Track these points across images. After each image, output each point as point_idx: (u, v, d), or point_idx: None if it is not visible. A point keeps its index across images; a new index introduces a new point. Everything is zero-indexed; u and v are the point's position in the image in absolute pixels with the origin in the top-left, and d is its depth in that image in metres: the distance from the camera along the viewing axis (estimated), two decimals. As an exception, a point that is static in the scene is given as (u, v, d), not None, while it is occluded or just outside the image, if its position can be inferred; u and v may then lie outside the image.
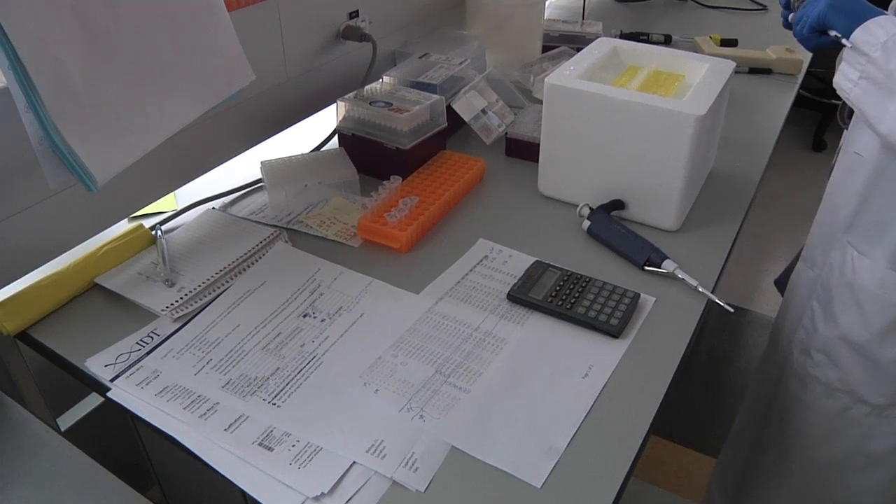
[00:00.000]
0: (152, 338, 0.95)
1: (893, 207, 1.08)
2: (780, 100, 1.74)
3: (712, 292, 1.04)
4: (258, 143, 1.33)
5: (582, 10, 1.98)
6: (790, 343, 1.30)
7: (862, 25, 0.99)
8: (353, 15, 1.41)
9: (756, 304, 2.76)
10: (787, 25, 1.19)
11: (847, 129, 1.20)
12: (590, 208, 1.16)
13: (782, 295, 1.39)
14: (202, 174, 1.25)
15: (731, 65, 1.25)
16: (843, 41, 1.02)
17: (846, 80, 1.01)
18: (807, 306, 1.26)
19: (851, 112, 1.08)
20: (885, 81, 0.95)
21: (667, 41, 2.00)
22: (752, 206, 1.32)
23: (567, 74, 1.16)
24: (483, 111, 1.37)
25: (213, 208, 1.24)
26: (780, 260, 2.96)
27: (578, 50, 1.60)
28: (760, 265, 2.99)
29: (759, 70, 1.86)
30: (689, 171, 1.10)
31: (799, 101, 1.90)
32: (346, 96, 1.30)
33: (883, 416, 1.18)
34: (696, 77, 1.23)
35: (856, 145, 1.14)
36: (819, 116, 3.80)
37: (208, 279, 1.04)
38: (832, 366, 1.21)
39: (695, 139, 1.07)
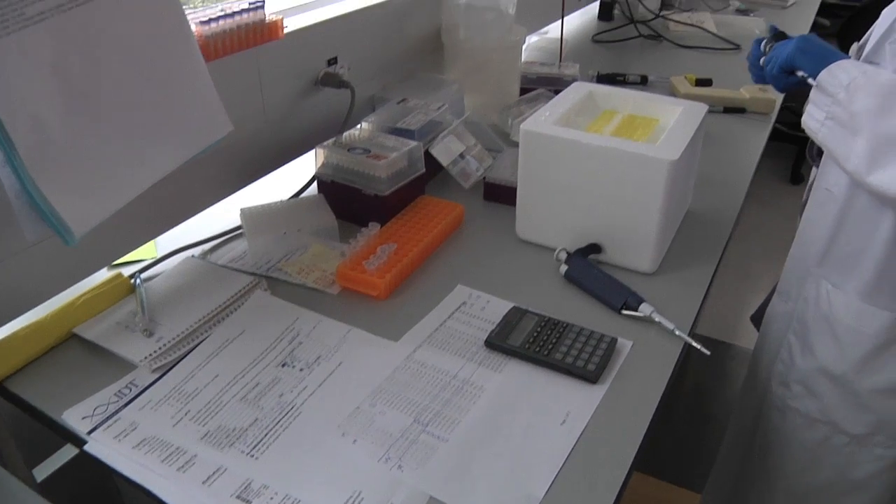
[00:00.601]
0: (130, 389, 0.95)
1: (863, 241, 1.11)
2: (754, 138, 1.77)
3: (690, 334, 1.05)
4: (238, 189, 1.34)
5: (559, 51, 2.01)
6: (769, 376, 1.32)
7: (827, 68, 1.04)
8: (332, 62, 1.43)
9: (739, 337, 2.78)
10: (758, 70, 1.22)
11: (817, 166, 1.23)
12: (567, 253, 1.17)
13: (758, 330, 1.41)
14: (182, 221, 1.26)
15: (704, 108, 1.28)
16: (810, 81, 1.06)
17: (813, 119, 1.05)
18: (784, 339, 1.28)
19: (821, 150, 1.11)
20: (850, 121, 0.99)
21: (643, 81, 2.03)
22: (732, 239, 1.34)
23: (542, 120, 1.18)
24: (461, 155, 1.38)
25: (193, 256, 1.24)
26: (762, 292, 2.96)
27: (556, 92, 1.63)
28: (742, 298, 3.01)
29: (733, 109, 1.89)
30: (663, 215, 1.12)
31: (776, 135, 1.93)
32: (325, 143, 1.31)
33: (863, 444, 1.19)
34: (670, 120, 1.25)
35: (826, 182, 1.18)
36: (796, 150, 3.85)
37: (187, 329, 1.04)
38: (811, 397, 1.23)
39: (668, 183, 1.09)
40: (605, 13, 2.71)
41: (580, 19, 2.73)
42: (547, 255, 1.20)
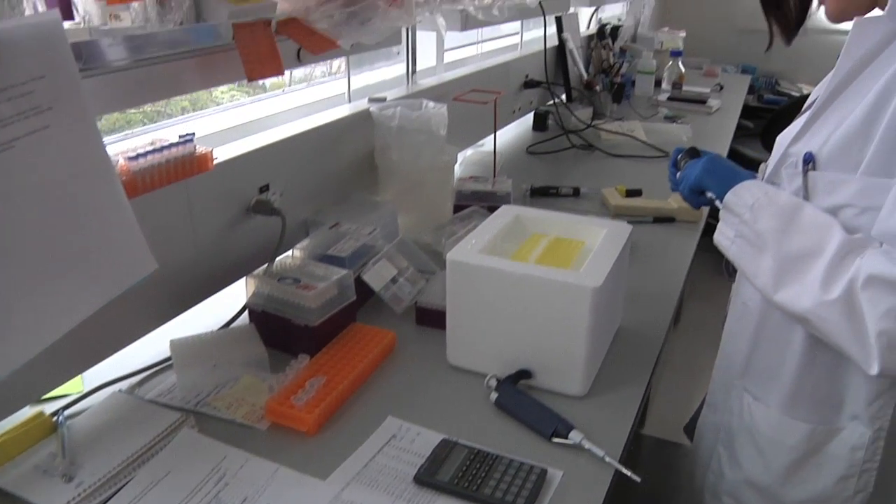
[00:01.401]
0: (46, 543, 0.92)
1: (780, 355, 1.15)
2: (683, 247, 1.82)
3: (622, 455, 1.05)
4: (168, 320, 1.32)
5: (493, 165, 2.06)
6: (702, 487, 1.33)
7: (732, 189, 1.10)
8: (264, 189, 1.45)
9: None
10: (675, 184, 1.28)
11: (733, 280, 1.27)
12: (497, 380, 1.17)
13: (691, 441, 1.42)
14: (110, 355, 1.23)
15: (628, 228, 1.31)
16: (717, 204, 1.12)
17: (724, 237, 1.10)
18: (713, 451, 1.30)
19: None
20: (756, 240, 1.04)
21: (575, 194, 2.09)
22: (676, 335, 1.36)
23: (469, 249, 1.20)
24: (394, 279, 1.39)
25: (121, 390, 1.21)
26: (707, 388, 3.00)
27: (490, 208, 1.67)
28: (689, 394, 3.03)
29: (662, 219, 1.94)
30: (590, 340, 1.13)
31: (711, 229, 1.98)
32: (256, 272, 1.32)
33: None
34: (595, 241, 1.28)
35: (742, 296, 1.22)
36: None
37: (110, 471, 1.01)
38: (741, 509, 1.24)
39: (593, 310, 1.11)
40: (539, 124, 2.80)
41: (516, 130, 2.81)
42: (478, 382, 1.20)
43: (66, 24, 1.03)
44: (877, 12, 1.05)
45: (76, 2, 1.04)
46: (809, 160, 1.05)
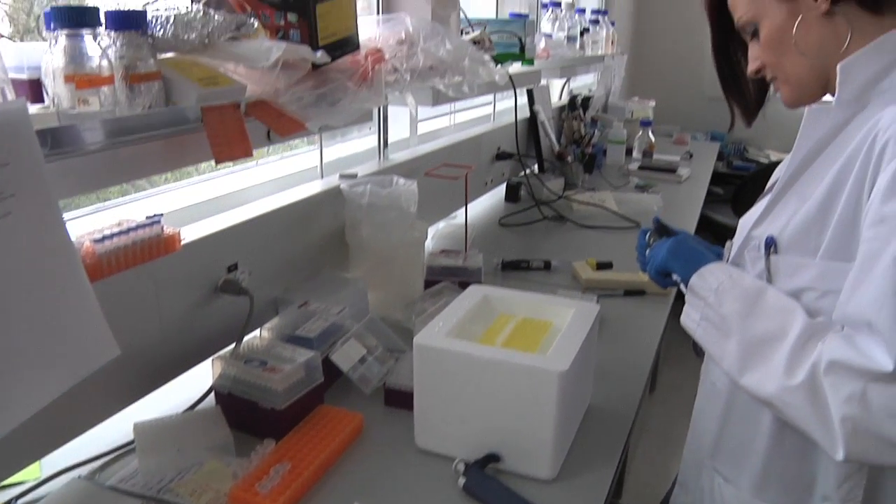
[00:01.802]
0: None
1: (749, 435, 1.15)
2: (654, 321, 1.82)
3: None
4: (131, 403, 1.30)
5: (465, 239, 2.07)
6: None
7: (697, 272, 1.12)
8: (233, 268, 1.44)
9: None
10: (644, 262, 1.30)
11: (701, 360, 1.28)
12: (465, 464, 1.16)
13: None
14: (70, 440, 1.21)
15: (595, 308, 1.32)
16: (682, 288, 1.15)
17: (690, 319, 1.12)
18: None
19: None
20: (721, 324, 1.06)
21: (546, 267, 2.10)
22: (652, 402, 1.36)
23: (436, 332, 1.20)
24: (362, 359, 1.38)
25: (80, 476, 1.19)
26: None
27: (461, 284, 1.67)
28: (666, 463, 3.01)
29: (633, 292, 1.95)
30: (558, 423, 1.13)
31: (681, 298, 1.99)
32: (222, 353, 1.31)
33: None
34: (563, 322, 1.28)
35: (711, 375, 1.24)
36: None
37: (66, 566, 0.99)
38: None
39: (560, 393, 1.11)
40: (511, 195, 2.83)
41: (489, 201, 2.83)
42: (446, 466, 1.19)
43: (36, 108, 1.03)
44: (828, 97, 1.09)
45: (46, 84, 1.04)
46: (771, 244, 1.07)
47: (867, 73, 1.03)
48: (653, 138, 3.79)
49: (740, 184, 4.34)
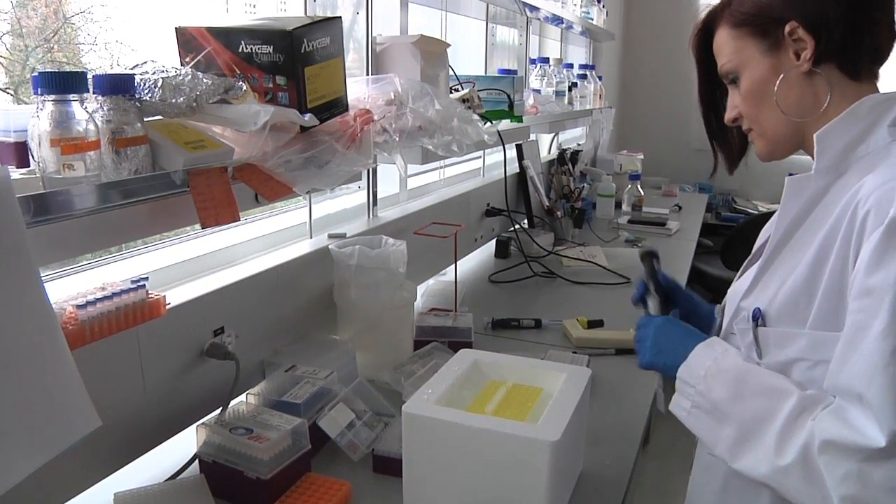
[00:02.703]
0: None
1: None
2: (646, 379, 1.79)
3: None
4: (113, 472, 1.27)
5: (455, 297, 2.05)
6: None
7: (684, 363, 1.11)
8: (219, 332, 1.42)
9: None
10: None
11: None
12: (455, 537, 1.13)
13: None
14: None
15: (587, 373, 1.30)
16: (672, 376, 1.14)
17: (680, 408, 1.11)
18: None
19: None
20: (713, 411, 1.05)
21: (537, 325, 2.08)
22: (649, 457, 1.33)
23: (425, 399, 1.18)
24: (350, 424, 1.36)
25: (59, 551, 1.15)
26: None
27: (451, 344, 1.65)
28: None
29: (624, 350, 1.93)
30: (550, 492, 1.10)
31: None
32: (207, 420, 1.28)
33: None
34: (554, 388, 1.27)
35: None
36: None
37: None
38: None
39: (552, 462, 1.08)
40: (501, 251, 2.82)
41: (478, 257, 2.82)
42: (436, 538, 1.16)
43: (21, 172, 1.02)
44: (803, 155, 1.12)
45: (32, 148, 1.03)
46: (758, 317, 1.08)
47: (843, 140, 1.04)
48: (642, 191, 3.81)
49: (729, 235, 4.36)
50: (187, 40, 1.35)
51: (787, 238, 1.09)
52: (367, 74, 1.92)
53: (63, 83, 1.00)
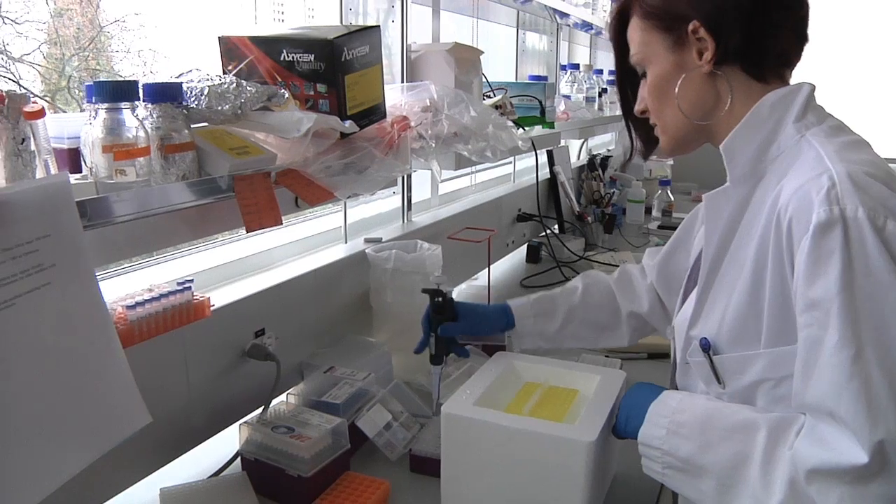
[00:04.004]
0: None
1: None
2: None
3: None
4: (158, 468, 1.31)
5: (487, 301, 2.08)
6: None
7: (642, 427, 1.08)
8: (259, 333, 1.45)
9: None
10: None
11: None
12: (493, 535, 1.15)
13: None
14: (98, 505, 1.21)
15: (622, 375, 1.32)
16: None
17: (653, 471, 1.08)
18: None
19: None
20: (686, 467, 1.02)
21: (569, 329, 2.09)
22: None
23: (463, 400, 1.20)
24: (388, 425, 1.38)
25: (107, 545, 1.19)
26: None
27: (485, 348, 1.67)
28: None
29: (656, 355, 1.94)
30: (587, 493, 1.12)
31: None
32: (249, 419, 1.31)
33: None
34: (589, 390, 1.28)
35: None
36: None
37: None
38: None
39: (588, 463, 1.10)
40: (532, 256, 2.84)
41: (510, 262, 2.84)
42: (474, 536, 1.18)
43: (74, 178, 1.06)
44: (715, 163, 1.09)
45: (84, 154, 1.07)
46: (707, 347, 1.05)
47: (752, 146, 1.03)
48: (671, 197, 3.80)
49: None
50: (230, 49, 1.38)
51: (721, 257, 1.07)
52: (403, 82, 1.95)
53: (115, 92, 1.04)
